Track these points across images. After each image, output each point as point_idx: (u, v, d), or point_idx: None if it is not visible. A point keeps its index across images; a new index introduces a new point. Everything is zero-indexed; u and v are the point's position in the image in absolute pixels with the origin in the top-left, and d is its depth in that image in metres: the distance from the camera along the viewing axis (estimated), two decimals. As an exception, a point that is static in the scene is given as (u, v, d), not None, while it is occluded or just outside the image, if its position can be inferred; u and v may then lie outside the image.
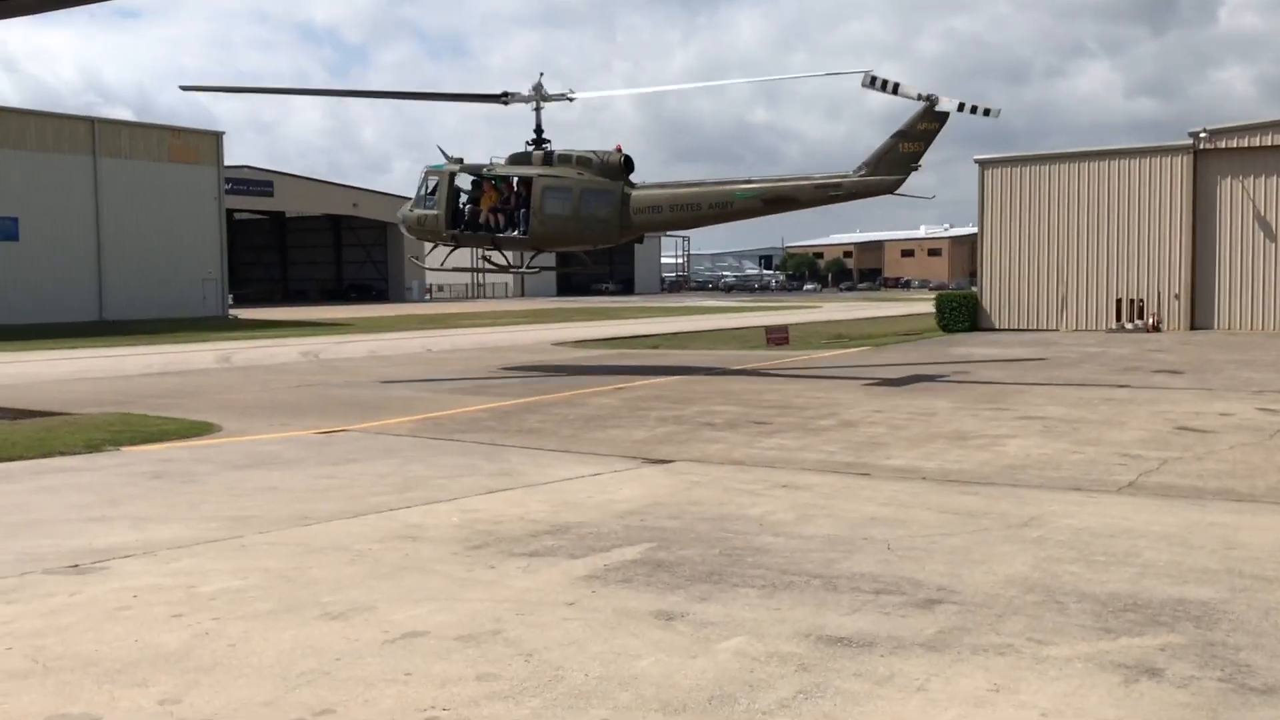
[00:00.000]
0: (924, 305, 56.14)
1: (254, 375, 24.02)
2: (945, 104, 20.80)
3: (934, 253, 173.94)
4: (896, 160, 21.20)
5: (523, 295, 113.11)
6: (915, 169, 21.32)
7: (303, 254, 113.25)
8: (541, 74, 23.80)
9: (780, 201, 22.68)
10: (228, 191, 67.15)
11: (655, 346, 32.55)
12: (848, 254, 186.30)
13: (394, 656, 5.60)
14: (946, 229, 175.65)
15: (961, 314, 39.35)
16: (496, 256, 25.63)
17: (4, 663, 5.54)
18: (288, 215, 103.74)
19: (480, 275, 26.90)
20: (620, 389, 19.78)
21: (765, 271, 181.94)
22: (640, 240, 25.38)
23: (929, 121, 21.05)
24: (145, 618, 6.31)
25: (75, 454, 12.62)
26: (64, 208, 56.27)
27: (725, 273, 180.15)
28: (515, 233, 23.63)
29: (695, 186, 23.03)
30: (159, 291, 59.61)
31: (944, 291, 51.76)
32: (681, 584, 6.94)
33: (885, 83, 21.07)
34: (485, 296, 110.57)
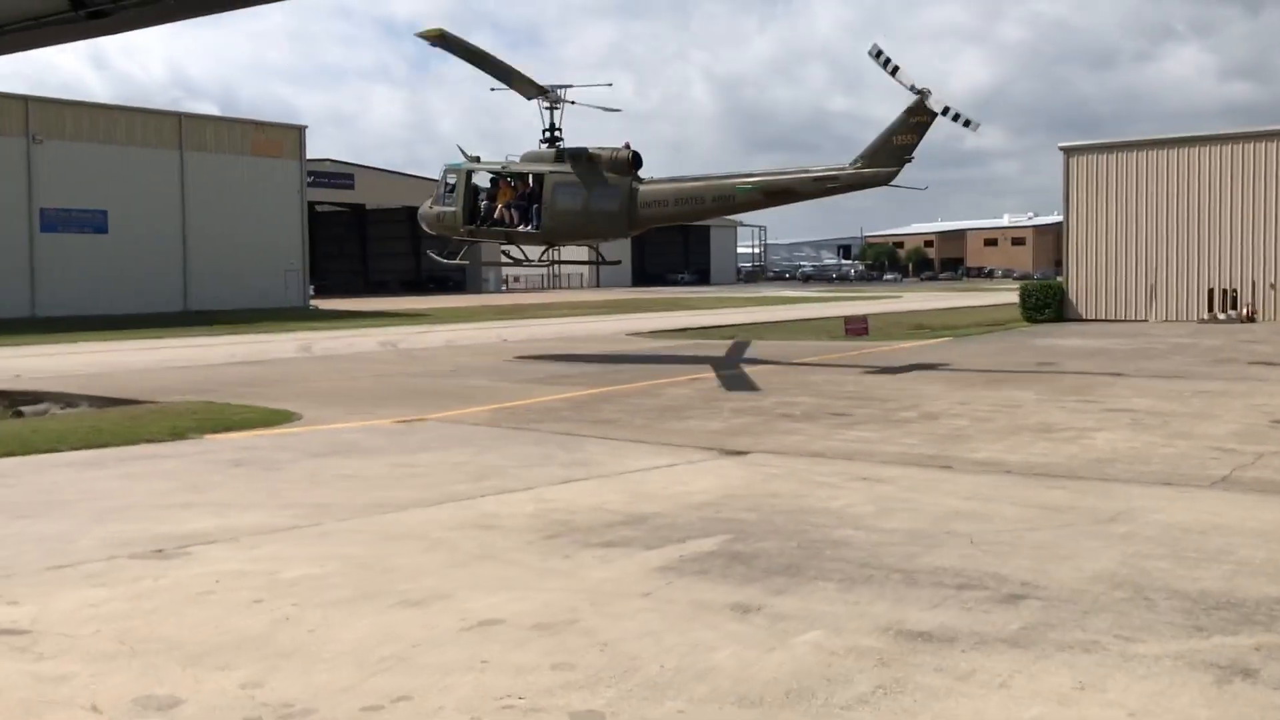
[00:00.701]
0: (1007, 295, 55.14)
1: (334, 364, 24.40)
2: (934, 104, 21.37)
3: (1018, 242, 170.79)
4: (891, 152, 21.77)
5: (598, 286, 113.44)
6: (909, 160, 21.82)
7: (382, 245, 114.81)
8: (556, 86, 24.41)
9: (780, 194, 23.52)
10: (309, 184, 68.30)
11: (732, 337, 32.39)
12: (928, 243, 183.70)
13: (470, 645, 5.61)
14: (1031, 218, 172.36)
15: (1047, 304, 38.56)
16: (514, 251, 26.75)
17: (94, 644, 5.66)
18: (368, 207, 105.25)
19: (555, 266, 28.18)
20: (696, 379, 19.71)
21: (844, 261, 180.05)
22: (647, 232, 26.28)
23: (921, 115, 21.49)
24: (227, 603, 6.41)
25: (161, 441, 12.91)
26: (151, 201, 57.73)
27: (803, 262, 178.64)
28: (528, 228, 24.48)
29: (699, 181, 23.67)
30: (242, 283, 60.88)
31: (1028, 281, 50.78)
32: (758, 576, 6.86)
33: (888, 60, 21.48)
34: (560, 287, 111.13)
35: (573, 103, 23.92)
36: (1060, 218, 40.88)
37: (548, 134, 24.34)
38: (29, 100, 54.04)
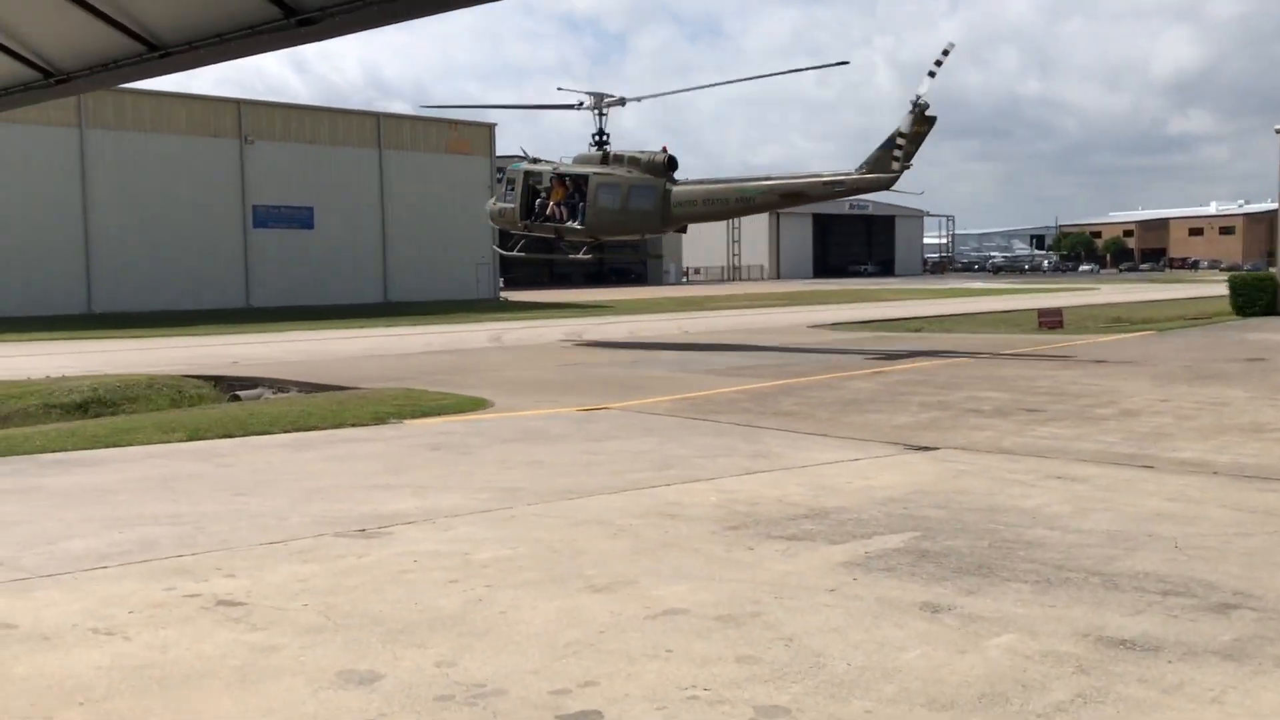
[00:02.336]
0: (1214, 288, 52.04)
1: (522, 354, 25.05)
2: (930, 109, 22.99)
3: (1226, 231, 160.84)
4: (892, 160, 23.54)
5: (778, 277, 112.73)
6: (908, 168, 23.60)
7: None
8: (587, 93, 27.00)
9: (793, 196, 26.30)
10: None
11: (917, 330, 31.66)
12: (1128, 233, 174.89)
13: (655, 633, 5.67)
14: (1241, 205, 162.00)
15: (1258, 297, 36.13)
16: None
17: (302, 617, 5.99)
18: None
19: (735, 258, 32.10)
20: (880, 373, 19.36)
21: (1036, 252, 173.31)
22: (684, 230, 29.43)
23: (920, 124, 23.25)
24: (424, 582, 6.67)
25: (364, 426, 13.53)
26: (352, 198, 60.48)
27: (993, 253, 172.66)
28: (574, 223, 27.05)
29: (724, 183, 26.11)
30: (437, 275, 63.13)
31: (1238, 273, 47.76)
32: (948, 575, 6.69)
33: (938, 64, 23.12)
34: (740, 279, 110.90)
35: (622, 102, 26.51)
36: (1275, 205, 38.21)
37: (596, 138, 26.91)
38: (241, 104, 57.42)
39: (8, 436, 13.02)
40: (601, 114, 26.64)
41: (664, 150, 26.41)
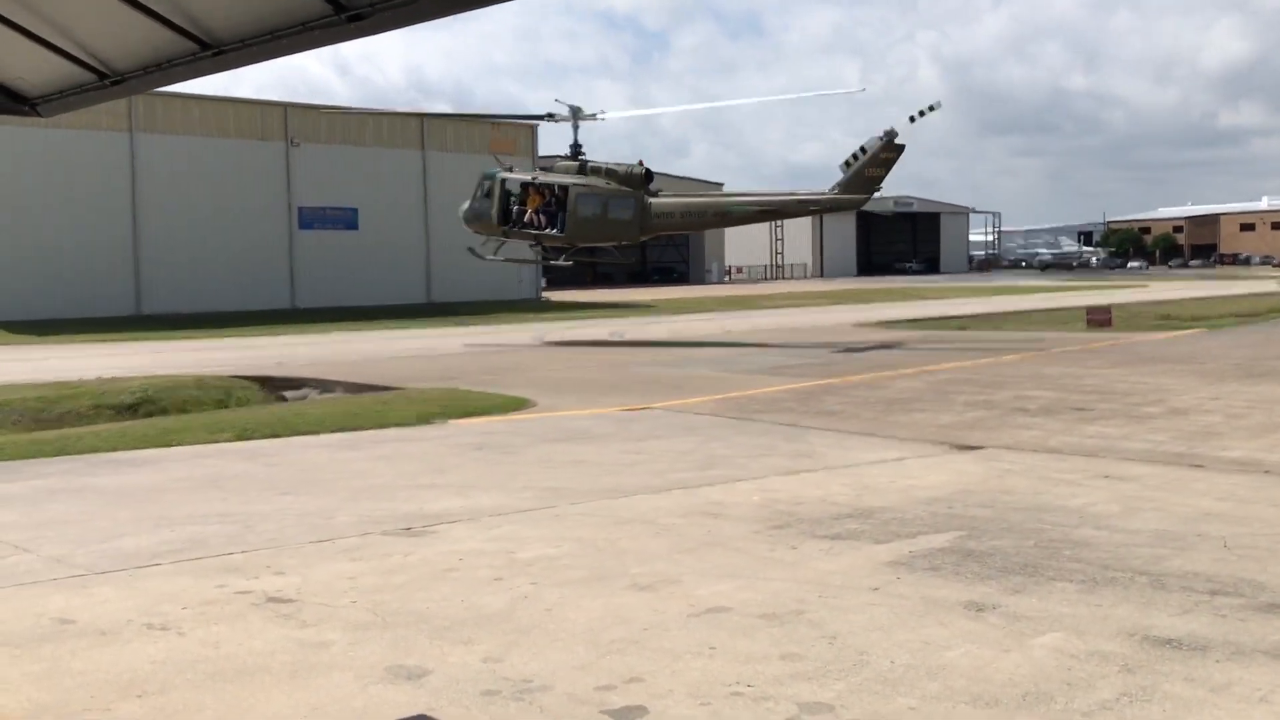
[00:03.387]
0: (1266, 284, 51.14)
1: (564, 354, 25.15)
2: (901, 137, 26.34)
3: (1279, 226, 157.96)
4: (863, 183, 26.74)
5: (821, 276, 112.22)
6: (877, 190, 27.40)
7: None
8: (556, 100, 29.80)
9: (770, 213, 29.73)
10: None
11: (962, 328, 31.43)
12: (1178, 229, 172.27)
13: (699, 630, 5.70)
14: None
15: (1312, 292, 35.51)
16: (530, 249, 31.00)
17: (350, 614, 6.08)
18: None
19: (778, 256, 34.96)
20: (924, 371, 19.25)
21: (1084, 248, 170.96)
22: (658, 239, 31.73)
23: (889, 151, 26.43)
24: (470, 579, 6.74)
25: (409, 425, 13.67)
26: (396, 199, 60.96)
27: (1040, 249, 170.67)
28: (554, 230, 28.47)
29: (702, 198, 29.84)
30: (479, 275, 63.30)
31: (1291, 268, 46.89)
32: (993, 575, 6.66)
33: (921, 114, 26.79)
34: (783, 278, 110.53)
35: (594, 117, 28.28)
36: (1331, 198, 37.48)
37: (571, 149, 28.63)
38: (288, 106, 58.07)
39: (61, 437, 13.29)
40: (576, 127, 28.66)
41: (640, 164, 28.30)
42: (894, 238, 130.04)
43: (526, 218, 28.51)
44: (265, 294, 55.29)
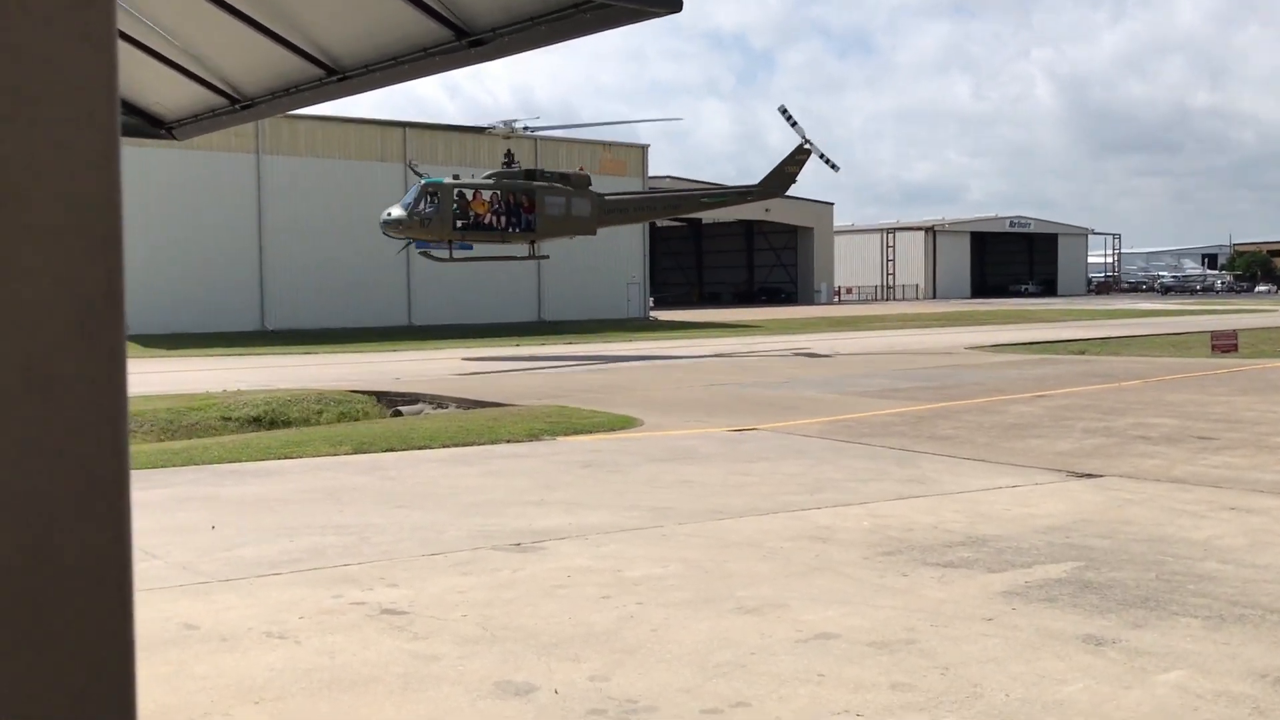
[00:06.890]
0: None
1: (672, 373, 25.19)
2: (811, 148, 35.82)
3: None
4: (784, 180, 36.91)
5: (934, 297, 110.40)
6: (793, 183, 36.96)
7: (717, 258, 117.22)
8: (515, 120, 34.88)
9: (712, 203, 40.56)
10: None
11: (1081, 352, 30.57)
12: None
13: (806, 656, 5.64)
14: None
15: None
16: (488, 249, 35.72)
17: (460, 628, 6.18)
18: (704, 222, 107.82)
19: (889, 277, 39.97)
20: (1041, 396, 18.77)
21: (1209, 271, 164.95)
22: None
23: (802, 154, 36.13)
24: (577, 597, 6.79)
25: (519, 442, 13.84)
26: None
27: (1161, 272, 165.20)
28: (517, 229, 33.66)
29: (649, 194, 38.40)
30: (588, 295, 64.03)
31: None
32: (1113, 608, 6.45)
33: (790, 117, 35.83)
34: (894, 299, 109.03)
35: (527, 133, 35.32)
36: None
37: (506, 159, 34.56)
38: (406, 127, 59.54)
39: (189, 447, 13.80)
40: (509, 137, 34.43)
41: (581, 169, 36.22)
42: (1009, 259, 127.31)
43: (487, 220, 33.31)
44: (382, 311, 56.71)
